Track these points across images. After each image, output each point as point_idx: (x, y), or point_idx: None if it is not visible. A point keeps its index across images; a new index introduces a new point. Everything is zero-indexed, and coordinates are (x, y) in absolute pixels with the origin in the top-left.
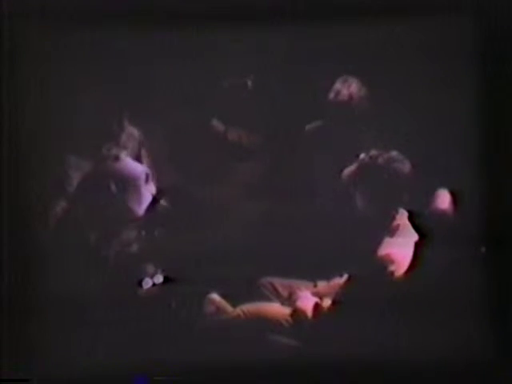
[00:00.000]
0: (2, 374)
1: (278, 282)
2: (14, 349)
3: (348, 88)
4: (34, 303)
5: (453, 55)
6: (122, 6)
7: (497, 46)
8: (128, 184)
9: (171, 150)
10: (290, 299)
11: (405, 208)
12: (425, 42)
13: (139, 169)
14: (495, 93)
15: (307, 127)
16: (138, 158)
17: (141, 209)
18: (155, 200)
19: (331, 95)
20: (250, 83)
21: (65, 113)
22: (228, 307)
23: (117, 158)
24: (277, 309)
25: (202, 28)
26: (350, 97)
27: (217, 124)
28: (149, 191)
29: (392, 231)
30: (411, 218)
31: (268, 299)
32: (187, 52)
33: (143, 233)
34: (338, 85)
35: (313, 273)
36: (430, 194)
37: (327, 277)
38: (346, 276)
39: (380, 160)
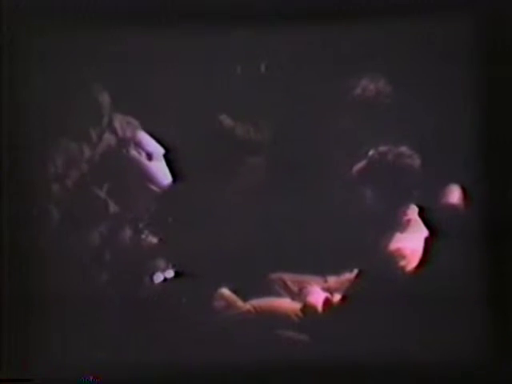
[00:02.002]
0: (3, 374)
1: (289, 277)
2: (16, 348)
3: (365, 85)
4: (36, 301)
5: (463, 54)
6: (122, 5)
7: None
8: (147, 184)
9: (180, 146)
10: (300, 294)
11: (415, 203)
12: (434, 40)
13: (165, 178)
14: (508, 89)
15: (318, 123)
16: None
17: (154, 203)
18: (167, 195)
19: (348, 92)
20: (260, 76)
21: (65, 112)
22: (238, 302)
23: (150, 157)
24: (287, 304)
25: (214, 24)
26: (367, 94)
27: (225, 119)
28: (162, 187)
29: (402, 226)
30: (421, 214)
31: (278, 294)
32: (194, 49)
33: (154, 228)
34: (358, 82)
35: (323, 268)
36: (441, 190)
37: (337, 272)
38: (356, 271)
39: (389, 156)
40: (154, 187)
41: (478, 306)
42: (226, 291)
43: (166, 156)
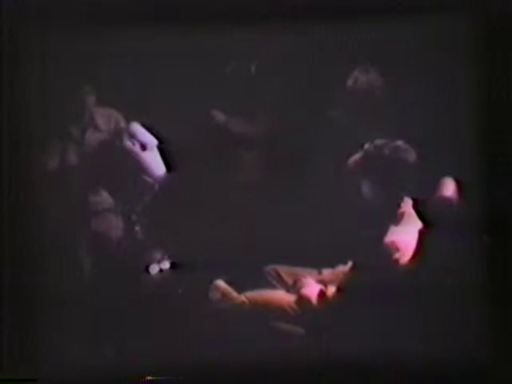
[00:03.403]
0: (9, 374)
1: (283, 269)
2: (21, 348)
3: (360, 78)
4: (40, 301)
5: (457, 50)
6: (122, 5)
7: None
8: (142, 175)
9: (174, 138)
10: (294, 286)
11: (410, 196)
12: (431, 37)
13: (159, 168)
14: (501, 84)
15: (314, 116)
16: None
17: (148, 195)
18: (162, 186)
19: (346, 84)
20: (253, 70)
21: (65, 112)
22: (233, 294)
23: (144, 147)
24: (282, 296)
25: (209, 21)
26: (362, 87)
27: (217, 114)
28: (157, 178)
29: (397, 219)
30: (416, 206)
31: (273, 286)
32: (188, 46)
33: (150, 219)
34: (353, 75)
35: (317, 260)
36: (435, 182)
37: (332, 264)
38: (350, 263)
39: (385, 149)
40: (148, 178)
41: (472, 298)
42: (221, 283)
43: (160, 149)
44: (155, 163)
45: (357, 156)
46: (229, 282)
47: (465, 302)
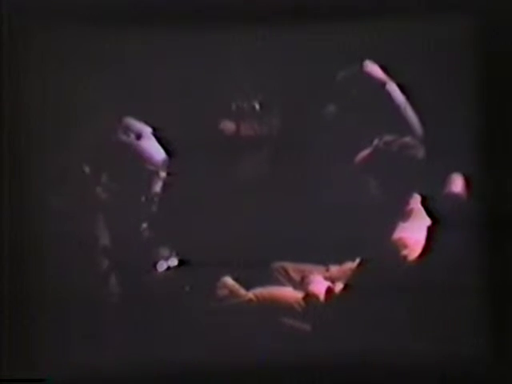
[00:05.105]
0: (16, 374)
1: (291, 266)
2: (28, 348)
3: (368, 76)
4: (46, 300)
5: (463, 47)
6: (122, 6)
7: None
8: (144, 166)
9: (186, 136)
10: (302, 283)
11: (418, 192)
12: (436, 35)
13: (159, 153)
14: (507, 82)
15: (321, 112)
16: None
17: (155, 192)
18: (169, 184)
19: (355, 82)
20: (261, 69)
21: (65, 113)
22: (241, 291)
23: (139, 137)
24: (289, 293)
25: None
26: (370, 85)
27: (226, 124)
28: (163, 174)
29: (405, 216)
30: (424, 203)
31: (280, 283)
32: (191, 52)
33: (158, 216)
34: (355, 71)
35: (325, 257)
36: (444, 179)
37: (339, 261)
38: (358, 260)
39: (394, 145)
40: (150, 166)
41: (480, 295)
42: (228, 280)
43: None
44: (154, 150)
45: (365, 152)
46: (236, 279)
47: (473, 298)
